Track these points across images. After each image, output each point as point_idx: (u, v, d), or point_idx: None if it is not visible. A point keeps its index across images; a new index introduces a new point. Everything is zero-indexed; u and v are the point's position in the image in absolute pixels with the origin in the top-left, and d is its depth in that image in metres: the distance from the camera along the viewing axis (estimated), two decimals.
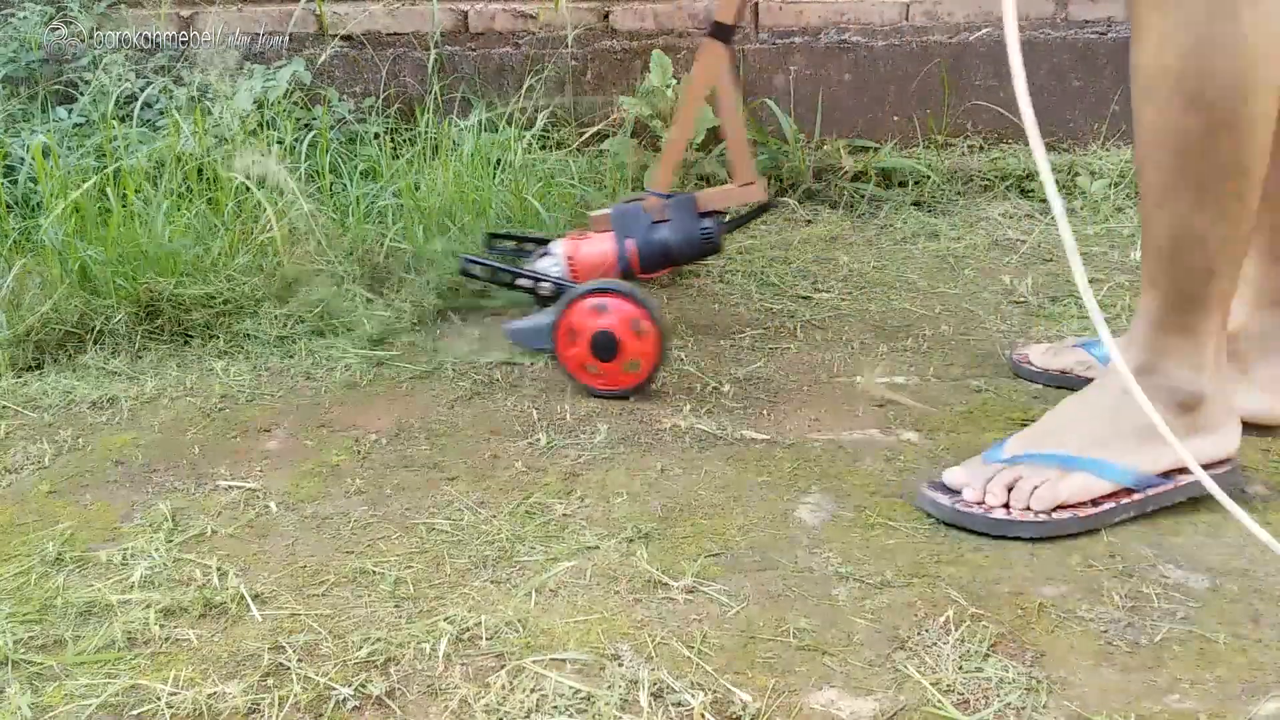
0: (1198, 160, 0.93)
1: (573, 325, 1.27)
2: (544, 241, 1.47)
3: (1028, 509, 0.99)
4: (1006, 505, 1.00)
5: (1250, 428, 1.09)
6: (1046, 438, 1.03)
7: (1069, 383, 1.25)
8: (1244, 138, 0.92)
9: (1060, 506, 0.99)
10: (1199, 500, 1.04)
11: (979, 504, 1.01)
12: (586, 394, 1.29)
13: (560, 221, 1.77)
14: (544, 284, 1.37)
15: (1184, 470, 1.00)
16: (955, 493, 1.03)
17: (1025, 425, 1.19)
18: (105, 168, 1.62)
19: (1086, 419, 1.03)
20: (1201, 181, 0.94)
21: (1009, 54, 0.83)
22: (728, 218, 1.44)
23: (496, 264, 1.41)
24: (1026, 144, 2.12)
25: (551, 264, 1.40)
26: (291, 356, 1.40)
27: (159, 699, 0.80)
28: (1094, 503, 1.00)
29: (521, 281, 1.39)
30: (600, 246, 1.40)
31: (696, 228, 1.38)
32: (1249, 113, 0.91)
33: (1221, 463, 1.02)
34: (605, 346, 1.26)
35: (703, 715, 0.77)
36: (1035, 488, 1.00)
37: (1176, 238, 0.97)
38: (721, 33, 1.34)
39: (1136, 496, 1.01)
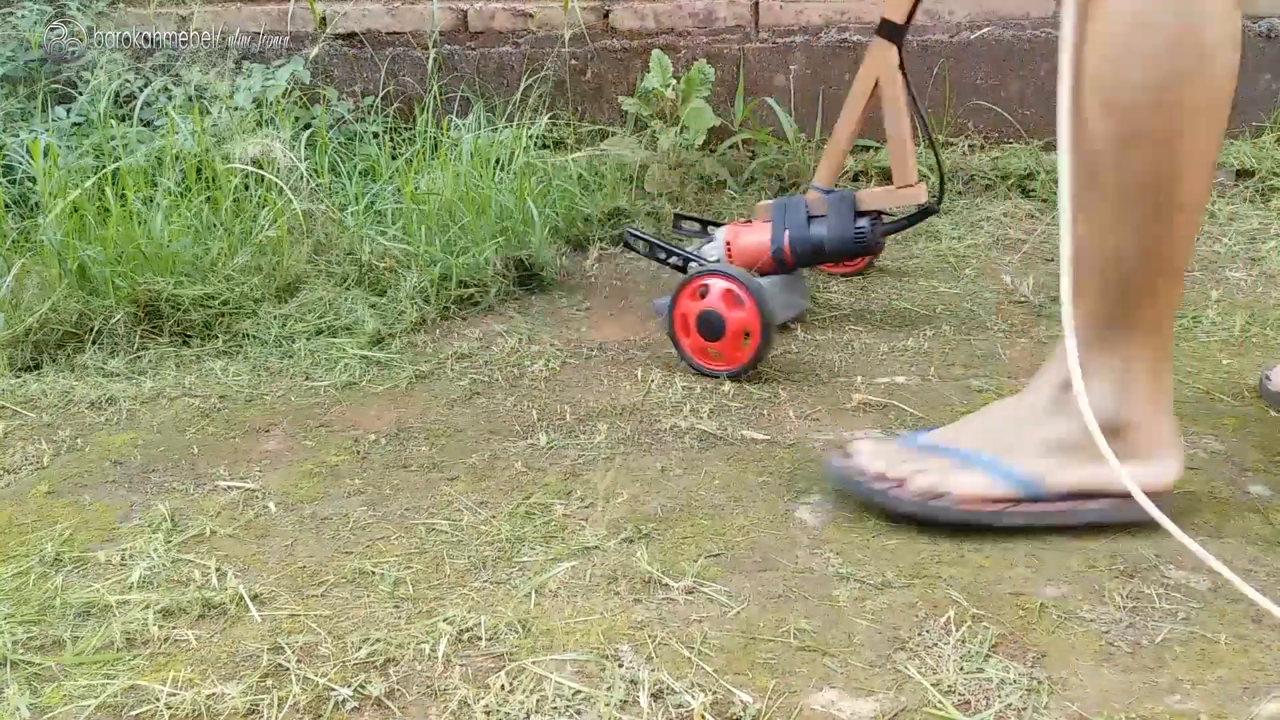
0: (1110, 169, 0.88)
1: (683, 314, 1.32)
2: (719, 225, 1.52)
3: (893, 478, 0.99)
4: (878, 474, 1.00)
5: None
6: (960, 434, 1.02)
7: None
8: (1163, 156, 0.87)
9: (940, 496, 0.97)
10: (1200, 501, 1.04)
11: (872, 475, 1.00)
12: (723, 378, 1.31)
13: (557, 218, 1.77)
14: (693, 264, 1.42)
15: (1083, 496, 0.96)
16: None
17: None
18: (104, 167, 1.62)
19: (1001, 423, 1.00)
20: (1114, 193, 0.89)
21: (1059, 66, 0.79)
22: (892, 219, 1.44)
23: (654, 239, 1.46)
24: (1028, 143, 2.12)
25: (713, 248, 1.46)
26: (291, 356, 1.40)
27: (158, 700, 0.80)
28: (972, 503, 0.97)
29: (673, 260, 1.44)
30: (758, 235, 1.43)
31: (852, 227, 1.40)
32: (1163, 128, 0.86)
33: (1150, 494, 0.90)
34: (712, 325, 1.29)
35: (703, 716, 0.77)
36: (918, 472, 0.98)
37: (1093, 250, 0.92)
38: (890, 31, 1.34)
39: (1025, 508, 0.97)
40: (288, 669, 0.83)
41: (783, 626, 0.87)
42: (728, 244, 1.44)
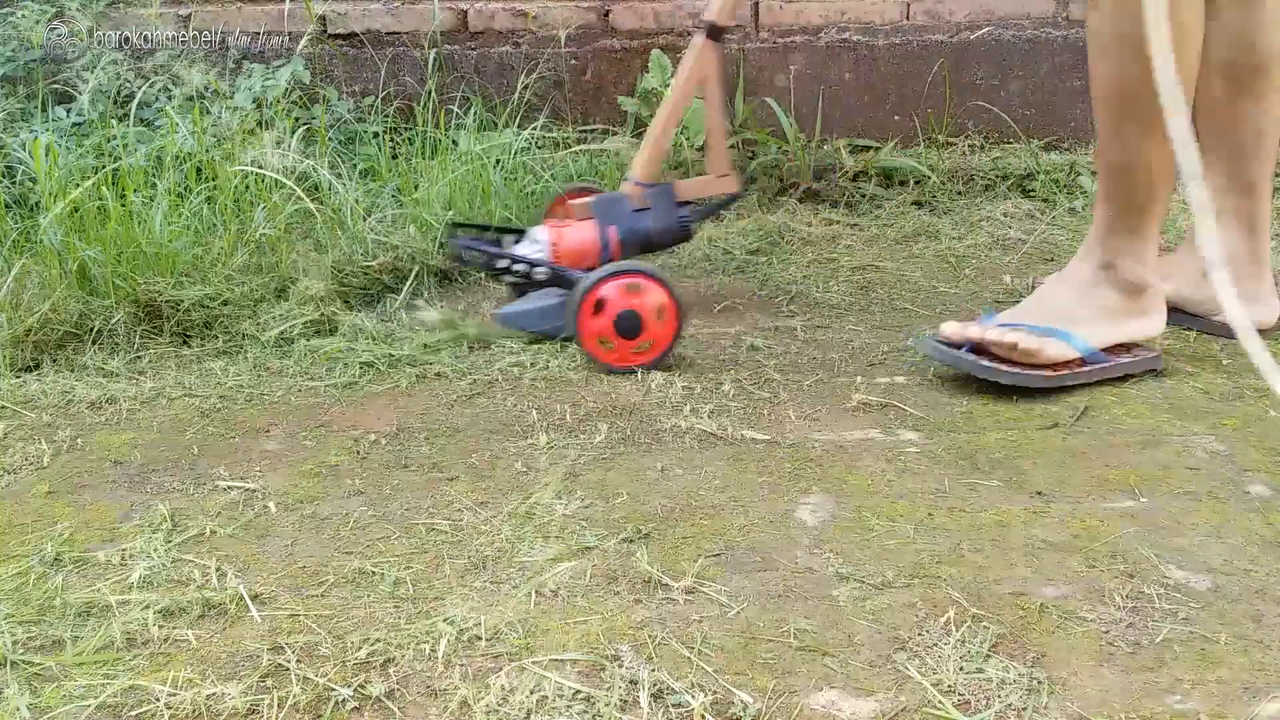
0: (1139, 100, 1.18)
1: (602, 298, 1.33)
2: (506, 231, 1.52)
3: (1006, 361, 1.25)
4: (995, 357, 1.25)
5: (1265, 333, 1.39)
6: (1032, 312, 1.29)
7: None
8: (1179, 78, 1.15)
9: (1035, 365, 1.25)
10: (1200, 501, 1.04)
11: (973, 350, 1.26)
12: (596, 368, 1.35)
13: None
14: (539, 269, 1.41)
15: (1119, 349, 1.30)
16: (956, 345, 1.28)
17: (1022, 425, 1.19)
18: (104, 167, 1.62)
19: (1063, 301, 1.30)
20: (1147, 114, 1.18)
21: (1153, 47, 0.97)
22: (699, 206, 1.52)
23: (493, 249, 1.44)
24: (1028, 143, 2.12)
25: (534, 250, 1.44)
26: (290, 356, 1.40)
27: (158, 700, 0.80)
28: (1054, 368, 1.26)
29: (518, 267, 1.42)
30: (583, 233, 1.45)
31: (676, 216, 1.47)
32: (1183, 61, 1.12)
33: (1151, 357, 1.30)
34: (629, 325, 1.33)
35: (703, 716, 0.77)
36: (1020, 345, 1.24)
37: (1127, 162, 1.24)
38: (714, 33, 1.43)
39: (1086, 368, 1.27)
40: (288, 669, 0.83)
41: (783, 626, 0.87)
42: (554, 244, 1.43)
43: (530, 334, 1.43)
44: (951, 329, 1.29)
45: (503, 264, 1.42)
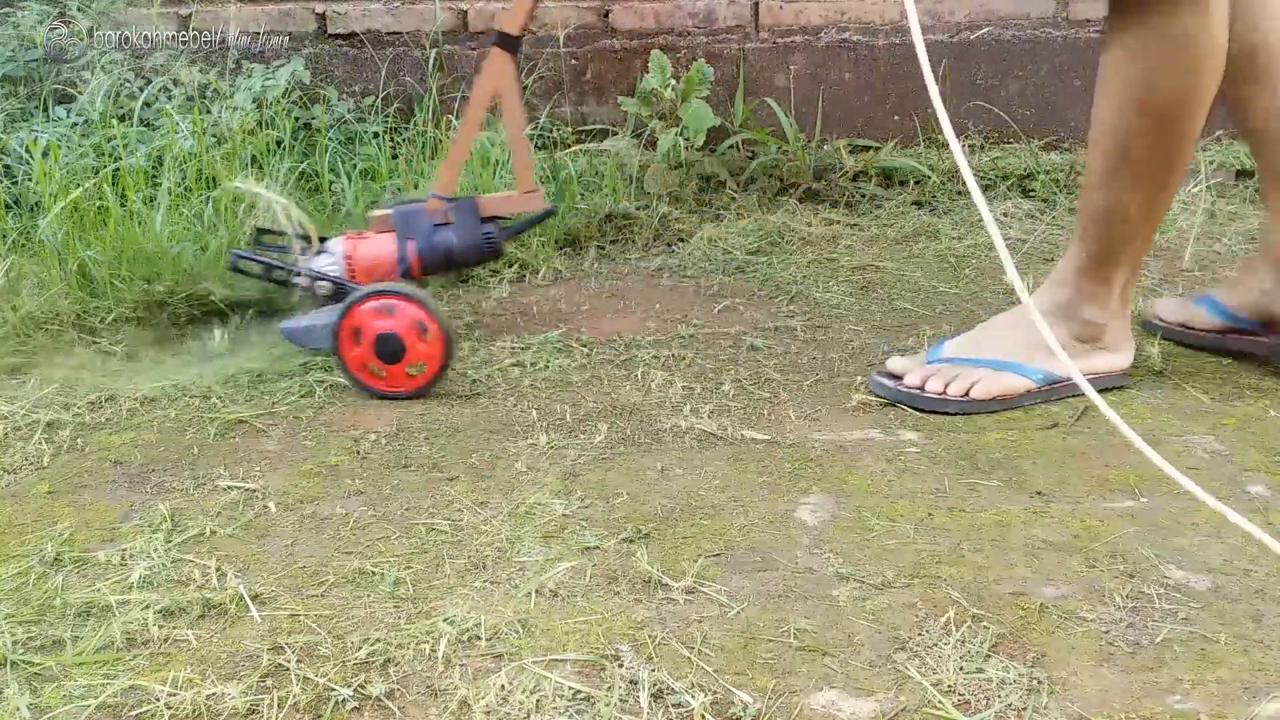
0: (1139, 153, 1.17)
1: (357, 326, 1.27)
2: (318, 239, 1.43)
3: (954, 393, 1.22)
4: (939, 392, 1.23)
5: None
6: (979, 346, 1.27)
7: (1188, 336, 1.41)
8: (1178, 139, 1.16)
9: (991, 398, 1.23)
10: (1200, 501, 1.03)
11: (918, 388, 1.23)
12: (368, 395, 1.29)
13: (561, 216, 1.77)
14: (323, 283, 1.35)
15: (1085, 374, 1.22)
16: (899, 378, 1.26)
17: (1022, 425, 1.19)
18: (104, 167, 1.62)
19: (1012, 333, 1.26)
20: (1138, 170, 1.18)
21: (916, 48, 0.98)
22: (508, 224, 1.45)
23: (273, 261, 1.37)
24: (1028, 143, 2.12)
25: (329, 262, 1.38)
26: (291, 356, 1.40)
27: (158, 700, 0.80)
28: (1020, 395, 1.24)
29: (298, 280, 1.35)
30: (380, 247, 1.38)
31: (480, 232, 1.39)
32: (1187, 122, 1.15)
33: (1116, 374, 1.28)
34: (390, 349, 1.26)
35: (703, 716, 0.77)
36: (975, 383, 1.23)
37: (1110, 211, 1.21)
38: (507, 43, 1.35)
39: (1044, 388, 1.25)
40: (288, 669, 0.83)
41: (783, 626, 0.87)
42: (348, 257, 1.36)
43: (312, 350, 1.36)
44: (897, 365, 1.27)
45: (280, 276, 1.36)
